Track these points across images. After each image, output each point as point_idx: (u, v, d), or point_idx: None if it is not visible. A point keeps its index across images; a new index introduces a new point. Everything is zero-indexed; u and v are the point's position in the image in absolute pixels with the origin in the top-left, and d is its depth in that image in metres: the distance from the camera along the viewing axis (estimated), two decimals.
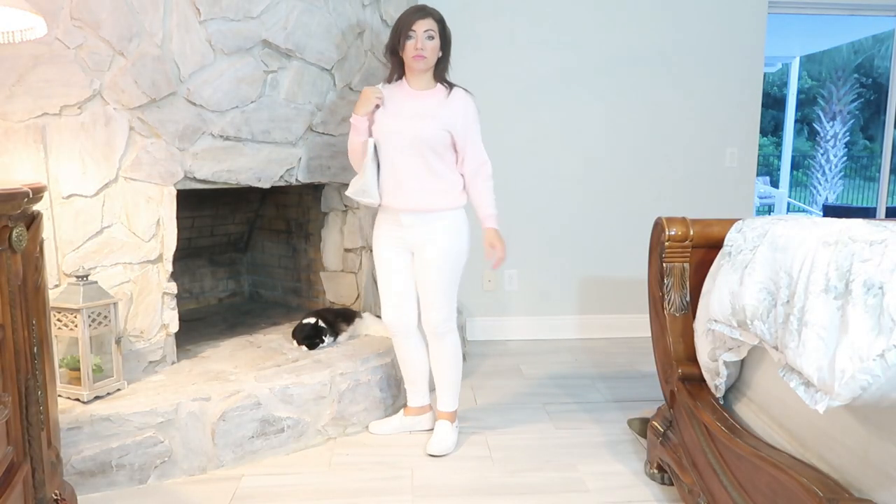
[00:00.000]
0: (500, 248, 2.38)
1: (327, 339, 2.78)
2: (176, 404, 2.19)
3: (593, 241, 3.93)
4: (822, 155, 12.05)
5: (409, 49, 2.28)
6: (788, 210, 9.76)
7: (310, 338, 2.76)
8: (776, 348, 1.49)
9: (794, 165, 10.95)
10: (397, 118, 2.33)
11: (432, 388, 2.62)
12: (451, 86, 2.40)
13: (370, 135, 2.38)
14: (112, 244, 2.30)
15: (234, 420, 2.28)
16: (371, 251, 3.20)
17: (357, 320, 2.98)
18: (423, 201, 2.33)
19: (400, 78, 2.41)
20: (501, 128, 3.73)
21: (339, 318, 2.92)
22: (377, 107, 2.37)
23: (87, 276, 2.16)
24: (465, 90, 2.40)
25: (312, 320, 2.81)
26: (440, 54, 2.34)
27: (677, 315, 2.10)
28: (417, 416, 2.59)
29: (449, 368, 2.49)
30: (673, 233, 2.07)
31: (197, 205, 3.24)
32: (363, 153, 2.38)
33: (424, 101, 2.35)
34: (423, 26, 2.27)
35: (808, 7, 4.01)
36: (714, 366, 1.87)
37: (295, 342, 2.80)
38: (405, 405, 2.63)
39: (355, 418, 2.60)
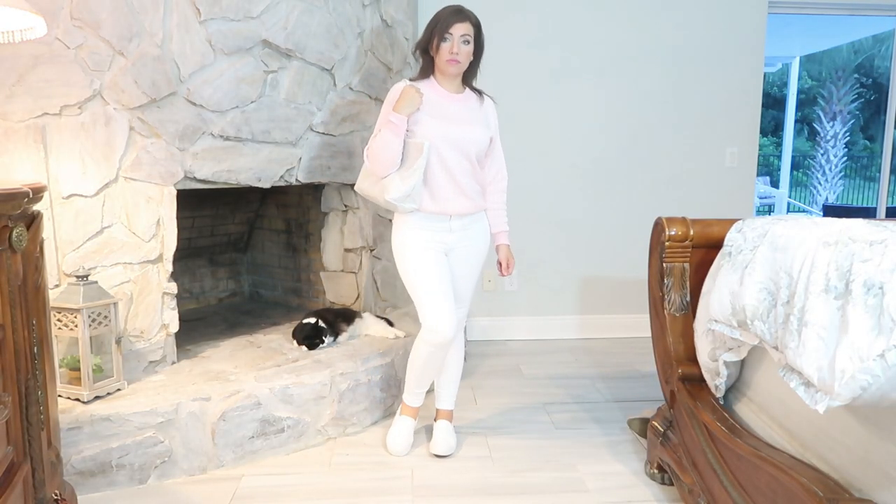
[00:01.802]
0: (513, 263, 2.46)
1: (327, 340, 2.78)
2: (176, 404, 2.19)
3: (593, 241, 3.93)
4: (822, 155, 12.05)
5: (444, 52, 2.21)
6: (788, 210, 9.77)
7: (310, 338, 2.76)
8: (776, 348, 1.49)
9: (795, 165, 10.95)
10: (446, 121, 2.25)
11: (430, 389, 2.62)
12: (479, 92, 2.40)
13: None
14: (112, 244, 2.30)
15: (235, 420, 2.28)
16: (371, 251, 3.20)
17: (357, 320, 2.98)
18: (473, 204, 2.34)
19: (427, 77, 2.33)
20: (501, 127, 3.72)
21: (339, 318, 2.93)
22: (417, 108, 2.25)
23: (87, 276, 2.16)
24: (489, 96, 2.43)
25: (312, 320, 2.80)
26: (471, 59, 2.29)
27: (677, 315, 2.10)
28: (416, 418, 2.56)
29: (458, 366, 2.52)
30: (673, 233, 2.07)
31: (197, 205, 3.24)
32: (400, 154, 2.23)
33: (464, 105, 2.33)
34: (461, 30, 2.20)
35: (808, 7, 4.01)
36: (714, 366, 1.87)
37: (295, 342, 2.80)
38: (406, 407, 2.50)
39: (355, 418, 2.60)
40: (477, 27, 2.27)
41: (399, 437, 2.44)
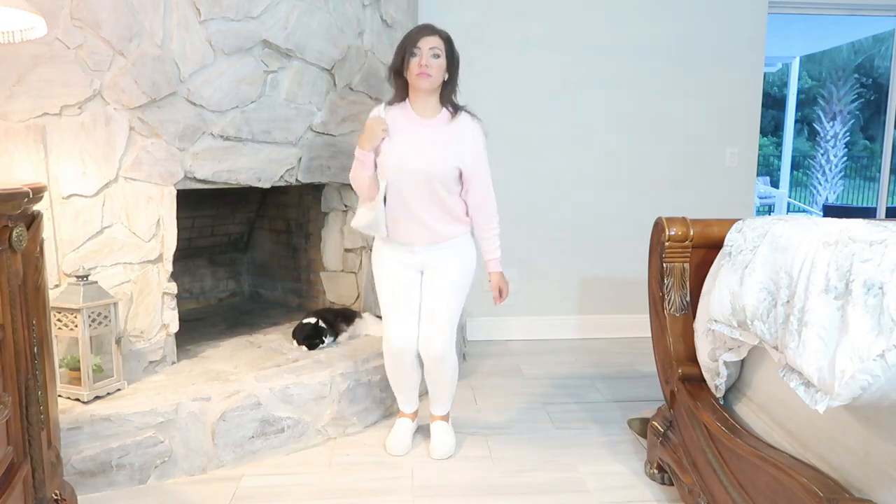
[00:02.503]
0: (506, 290, 2.43)
1: (327, 340, 2.78)
2: (176, 404, 2.19)
3: (593, 241, 3.93)
4: (822, 155, 12.05)
5: (413, 66, 2.18)
6: (788, 210, 9.77)
7: (310, 338, 2.76)
8: (776, 348, 1.49)
9: (795, 165, 10.95)
10: (406, 154, 2.22)
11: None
12: (456, 109, 2.29)
13: (375, 166, 2.28)
14: (112, 244, 2.30)
15: (235, 420, 2.28)
16: (371, 251, 3.20)
17: (357, 320, 2.98)
18: (437, 234, 2.29)
19: (403, 100, 2.30)
20: (501, 128, 3.72)
21: (340, 318, 2.93)
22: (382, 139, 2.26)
23: (87, 276, 2.16)
24: (472, 115, 2.31)
25: (313, 320, 2.80)
26: (446, 76, 2.24)
27: (677, 315, 2.10)
28: (415, 419, 2.56)
29: (448, 386, 2.44)
30: (673, 233, 2.07)
31: (197, 205, 3.24)
32: (371, 187, 2.28)
33: (431, 130, 2.25)
34: (429, 43, 2.18)
35: (808, 7, 4.01)
36: (714, 366, 1.87)
37: (295, 342, 2.80)
38: (401, 411, 2.53)
39: (355, 418, 2.60)
40: (447, 42, 2.24)
41: (396, 439, 2.46)
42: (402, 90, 2.29)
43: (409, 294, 2.36)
